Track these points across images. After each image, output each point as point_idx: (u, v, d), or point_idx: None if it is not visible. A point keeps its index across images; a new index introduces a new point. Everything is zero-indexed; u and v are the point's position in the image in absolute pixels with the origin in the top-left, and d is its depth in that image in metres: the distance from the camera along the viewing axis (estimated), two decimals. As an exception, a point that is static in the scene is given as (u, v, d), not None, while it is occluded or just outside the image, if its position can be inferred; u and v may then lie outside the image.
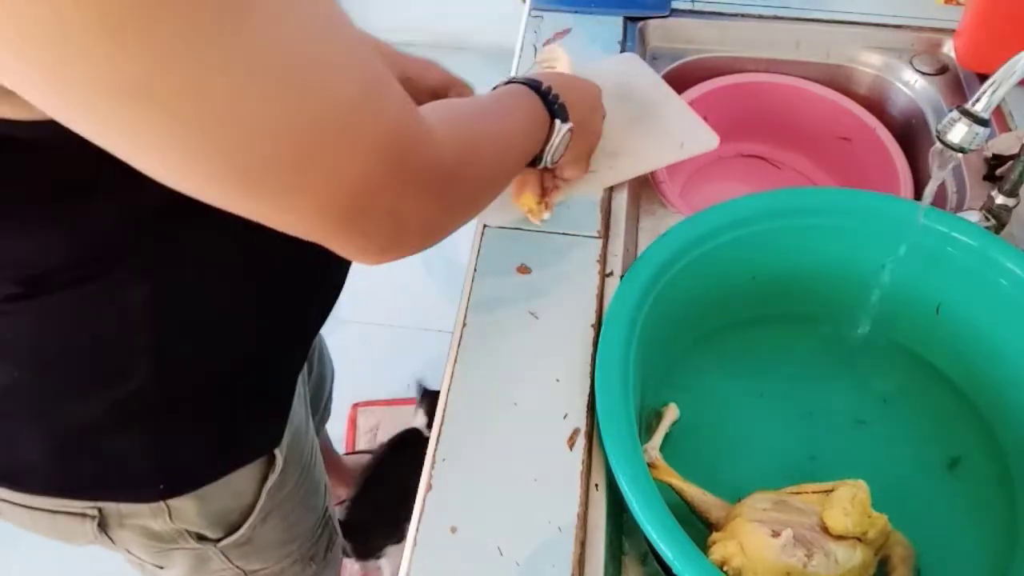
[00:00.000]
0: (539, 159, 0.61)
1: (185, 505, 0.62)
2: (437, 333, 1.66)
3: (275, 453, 0.66)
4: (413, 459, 0.57)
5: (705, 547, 0.56)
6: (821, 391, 0.70)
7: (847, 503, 0.54)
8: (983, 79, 0.63)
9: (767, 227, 0.68)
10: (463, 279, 0.68)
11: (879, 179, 0.89)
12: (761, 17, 0.98)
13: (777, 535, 0.53)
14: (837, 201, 0.69)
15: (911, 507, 0.61)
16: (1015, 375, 0.65)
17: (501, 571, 0.52)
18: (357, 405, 1.57)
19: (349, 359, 1.15)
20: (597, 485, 0.57)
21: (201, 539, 0.66)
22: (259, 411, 0.64)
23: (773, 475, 0.65)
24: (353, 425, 1.55)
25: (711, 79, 0.96)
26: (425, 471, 0.57)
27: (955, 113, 0.58)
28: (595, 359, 0.61)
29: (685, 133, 0.77)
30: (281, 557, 0.77)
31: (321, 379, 1.06)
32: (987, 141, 0.80)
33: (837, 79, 0.98)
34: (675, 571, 0.48)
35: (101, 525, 0.61)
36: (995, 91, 0.57)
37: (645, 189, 0.82)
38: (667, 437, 0.63)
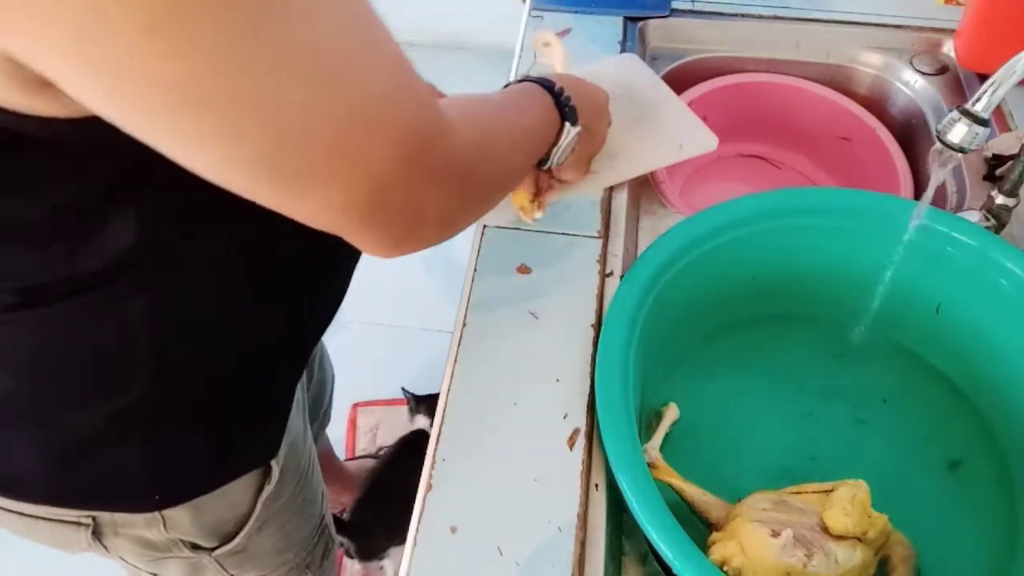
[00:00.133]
0: (545, 160, 0.61)
1: (180, 515, 0.62)
2: (437, 333, 1.66)
3: (271, 464, 0.66)
4: (419, 461, 0.57)
5: (705, 547, 0.56)
6: (821, 391, 0.70)
7: (847, 503, 0.54)
8: (983, 79, 0.63)
9: (767, 227, 0.68)
10: (463, 279, 0.68)
11: (879, 179, 0.89)
12: (761, 17, 0.98)
13: (777, 535, 0.53)
14: (837, 201, 0.69)
15: (911, 507, 0.61)
16: (1015, 375, 0.65)
17: (501, 571, 0.52)
18: (357, 405, 1.57)
19: (349, 359, 1.15)
20: (597, 485, 0.57)
21: (195, 548, 0.66)
22: (256, 422, 0.64)
23: (773, 475, 0.65)
24: (353, 425, 1.55)
25: (711, 79, 0.96)
26: (425, 471, 0.57)
27: (955, 113, 0.58)
28: (595, 359, 0.61)
29: (684, 134, 0.77)
30: (277, 565, 0.77)
31: (321, 385, 1.05)
32: (987, 141, 0.80)
33: (837, 79, 0.98)
34: (675, 571, 0.48)
35: (95, 533, 0.61)
36: (995, 91, 0.57)
37: (645, 189, 0.82)
38: (667, 437, 0.63)
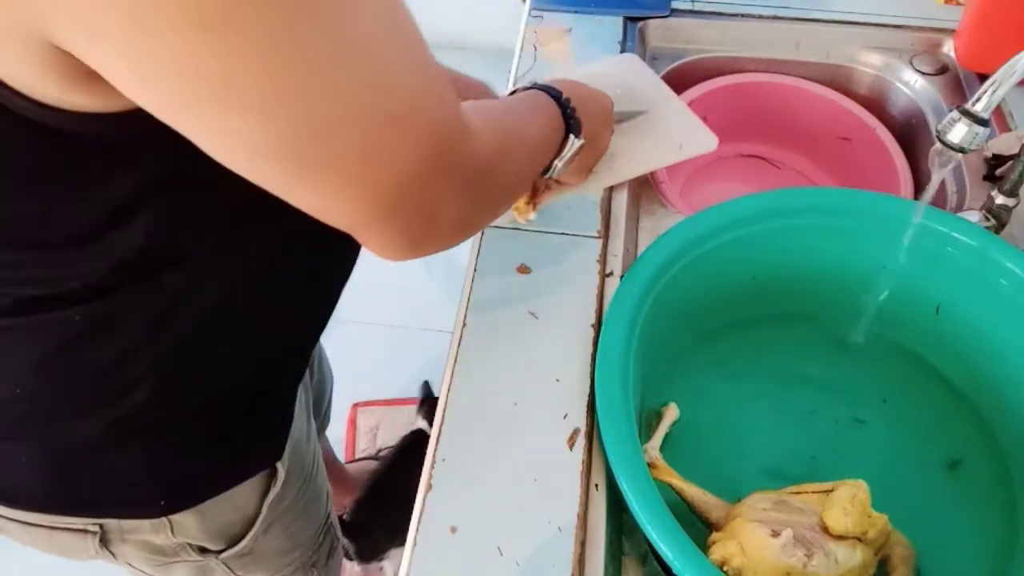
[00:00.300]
0: (548, 168, 0.62)
1: (187, 520, 0.62)
2: (437, 333, 1.65)
3: (277, 466, 0.66)
4: (420, 462, 0.57)
5: (705, 547, 0.56)
6: (821, 391, 0.70)
7: (847, 503, 0.54)
8: (983, 79, 0.63)
9: (767, 227, 0.68)
10: (463, 279, 0.68)
11: (879, 179, 0.89)
12: (761, 17, 0.98)
13: (777, 535, 0.53)
14: (837, 201, 0.69)
15: (911, 507, 0.61)
16: (1015, 375, 0.65)
17: (501, 571, 0.52)
18: (357, 405, 1.57)
19: (349, 359, 1.15)
20: (597, 485, 0.57)
21: (203, 552, 0.66)
22: (260, 425, 0.64)
23: (773, 475, 0.65)
24: (353, 425, 1.55)
25: (711, 79, 0.96)
26: (425, 471, 0.57)
27: (955, 113, 0.58)
28: (595, 359, 0.61)
29: (684, 134, 0.77)
30: (283, 566, 0.77)
31: (321, 386, 1.05)
32: (987, 141, 0.80)
33: (837, 79, 0.98)
34: (675, 571, 0.48)
35: (103, 541, 0.61)
36: (995, 91, 0.57)
37: (645, 189, 0.82)
38: (667, 437, 0.63)
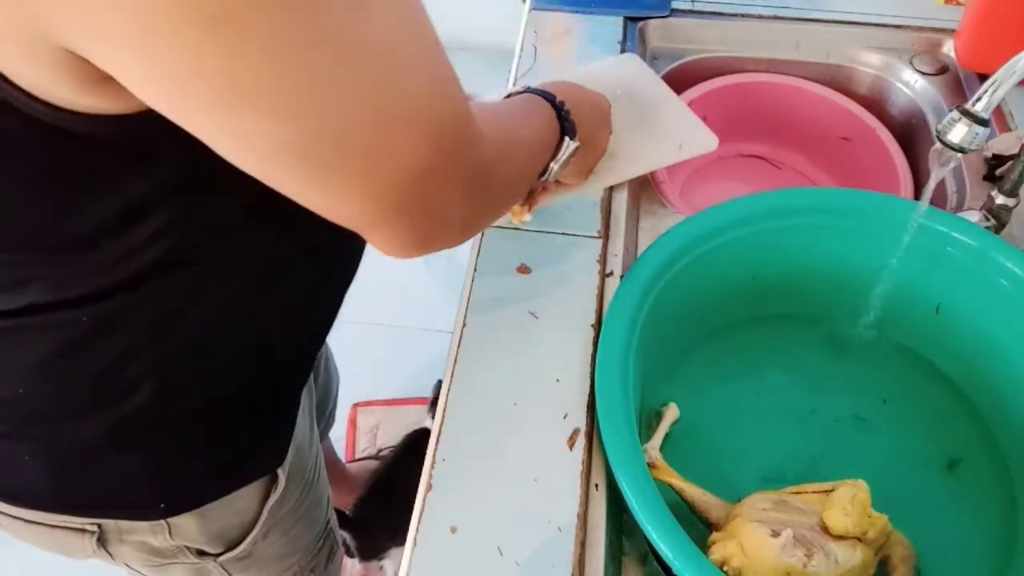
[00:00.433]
0: (544, 171, 0.62)
1: (186, 522, 0.62)
2: (437, 333, 1.65)
3: (278, 472, 0.66)
4: (423, 461, 0.57)
5: (705, 547, 0.56)
6: (821, 391, 0.70)
7: (847, 503, 0.54)
8: (983, 79, 0.63)
9: (767, 227, 0.68)
10: (463, 279, 0.68)
11: (879, 179, 0.89)
12: (761, 17, 0.98)
13: (777, 535, 0.53)
14: (837, 201, 0.69)
15: (911, 507, 0.61)
16: (1015, 375, 0.65)
17: (501, 571, 0.52)
18: (357, 405, 1.57)
19: (349, 359, 1.15)
20: (597, 485, 0.57)
21: (201, 554, 0.66)
22: (263, 429, 0.64)
23: (773, 475, 0.65)
24: (353, 425, 1.55)
25: (711, 79, 0.96)
26: (425, 471, 0.57)
27: (955, 113, 0.58)
28: (595, 359, 0.61)
29: (684, 134, 0.77)
30: (281, 570, 0.77)
31: (327, 387, 1.05)
32: (987, 141, 0.80)
33: (837, 79, 0.98)
34: (675, 571, 0.48)
35: (100, 540, 0.61)
36: (995, 91, 0.57)
37: (645, 189, 0.82)
38: (667, 437, 0.63)
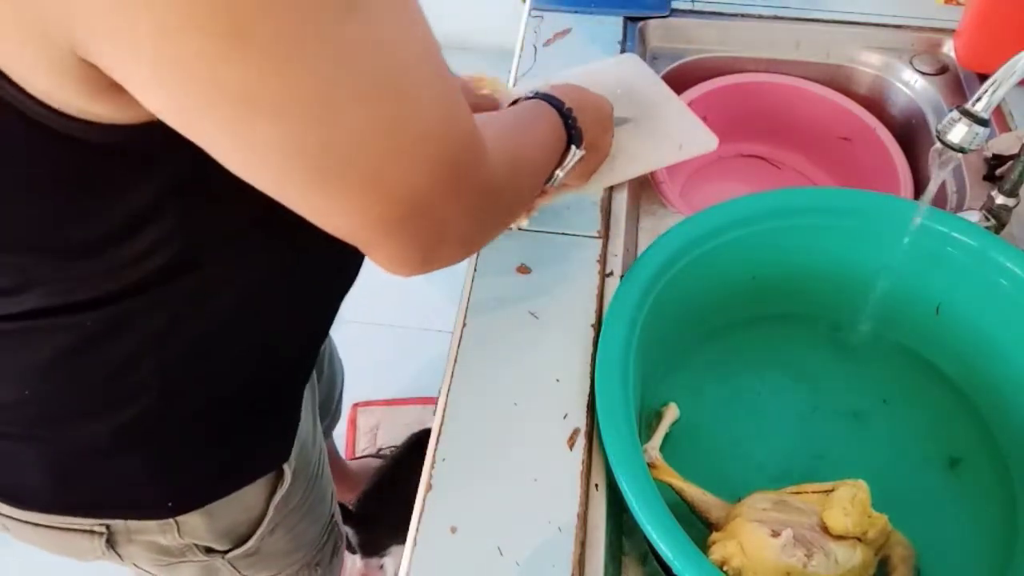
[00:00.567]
0: (549, 178, 0.62)
1: (194, 520, 0.62)
2: (437, 333, 1.65)
3: (283, 467, 0.66)
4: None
5: (705, 547, 0.56)
6: (821, 391, 0.70)
7: (847, 503, 0.54)
8: (983, 79, 0.63)
9: (767, 227, 0.68)
10: (463, 279, 0.68)
11: (879, 179, 0.89)
12: (761, 17, 0.98)
13: (777, 535, 0.53)
14: (837, 201, 0.69)
15: (911, 507, 0.61)
16: (1015, 375, 0.65)
17: (501, 571, 0.52)
18: (357, 405, 1.57)
19: (349, 359, 1.15)
20: (597, 485, 0.57)
21: (209, 552, 0.66)
22: (267, 427, 0.64)
23: (773, 475, 0.65)
24: (353, 425, 1.55)
25: (711, 79, 0.96)
26: (425, 471, 0.57)
27: (955, 113, 0.58)
28: (595, 359, 0.61)
29: (684, 134, 0.77)
30: (287, 565, 0.77)
31: (331, 383, 1.05)
32: (987, 141, 0.80)
33: (837, 79, 0.98)
34: (675, 571, 0.48)
35: (109, 541, 0.61)
36: (995, 91, 0.57)
37: (645, 189, 0.82)
38: (667, 437, 0.63)
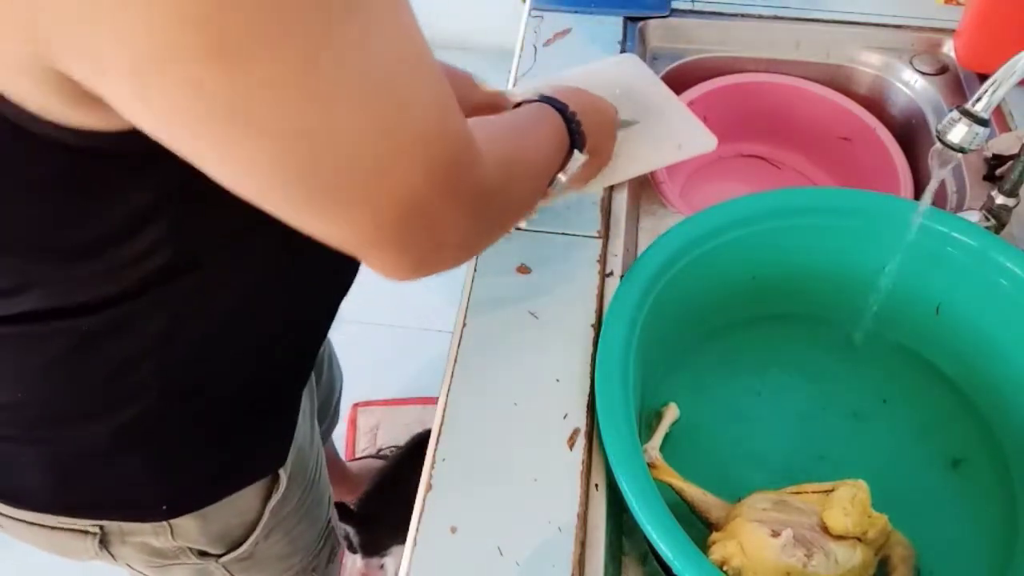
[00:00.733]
0: (551, 181, 0.61)
1: (187, 523, 0.62)
2: (437, 333, 1.65)
3: (279, 472, 0.66)
4: None
5: (705, 547, 0.56)
6: (821, 391, 0.70)
7: (847, 503, 0.54)
8: (983, 79, 0.63)
9: (767, 227, 0.68)
10: (463, 279, 0.68)
11: (879, 179, 0.89)
12: (761, 17, 0.98)
13: (777, 535, 0.53)
14: (837, 201, 0.69)
15: (911, 507, 0.61)
16: (1015, 375, 0.65)
17: (501, 571, 0.52)
18: (357, 405, 1.57)
19: (349, 359, 1.15)
20: (597, 485, 0.57)
21: (203, 555, 0.66)
22: (264, 430, 0.64)
23: (773, 475, 0.65)
24: (353, 425, 1.55)
25: (711, 79, 0.96)
26: (425, 471, 0.57)
27: (955, 113, 0.58)
28: (595, 359, 0.61)
29: (683, 134, 0.77)
30: (282, 570, 0.77)
31: (331, 386, 1.05)
32: (987, 141, 0.80)
33: (837, 79, 0.98)
34: (675, 571, 0.48)
35: (102, 542, 0.61)
36: (995, 91, 0.57)
37: (645, 189, 0.82)
38: (667, 437, 0.63)
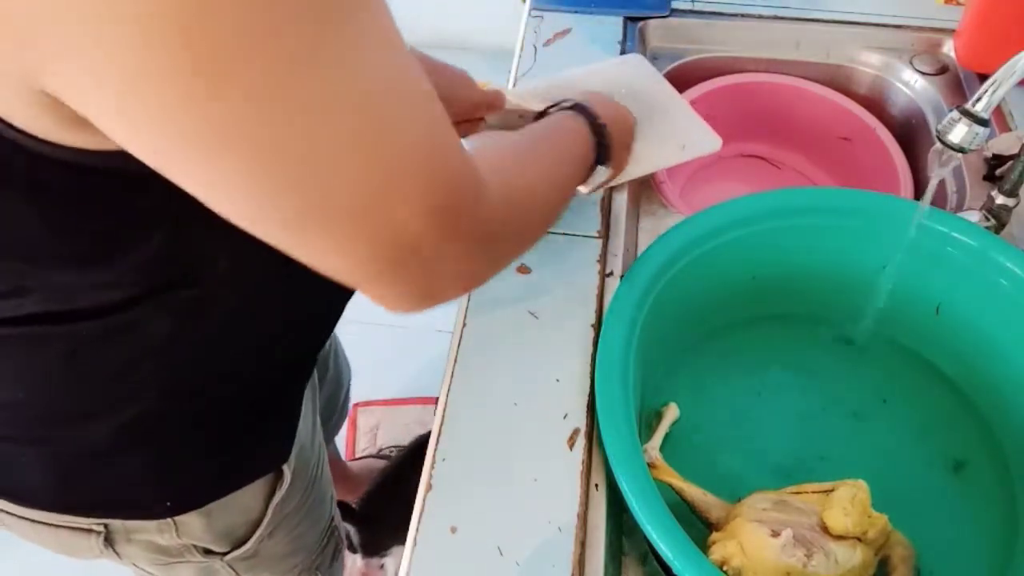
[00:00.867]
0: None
1: (192, 521, 0.62)
2: (437, 333, 1.65)
3: (283, 469, 0.66)
4: None
5: (705, 547, 0.56)
6: (821, 391, 0.70)
7: (847, 503, 0.54)
8: (983, 79, 0.63)
9: (767, 227, 0.68)
10: (463, 279, 0.68)
11: (879, 179, 0.89)
12: (761, 17, 0.98)
13: (777, 535, 0.53)
14: (837, 201, 0.69)
15: (911, 507, 0.61)
16: (1015, 375, 0.65)
17: (501, 571, 0.52)
18: (357, 405, 1.57)
19: (349, 359, 1.15)
20: (597, 485, 0.57)
21: (208, 553, 0.66)
22: (266, 428, 0.64)
23: (773, 475, 0.65)
24: (353, 425, 1.55)
25: (711, 79, 0.96)
26: (425, 471, 0.57)
27: (955, 113, 0.58)
28: (595, 359, 0.61)
29: (688, 135, 0.77)
30: (287, 569, 0.77)
31: (337, 383, 1.05)
32: (987, 141, 0.80)
33: (837, 79, 0.98)
34: (675, 571, 0.48)
35: (107, 540, 0.61)
36: (995, 91, 0.57)
37: (645, 189, 0.82)
38: (667, 437, 0.63)
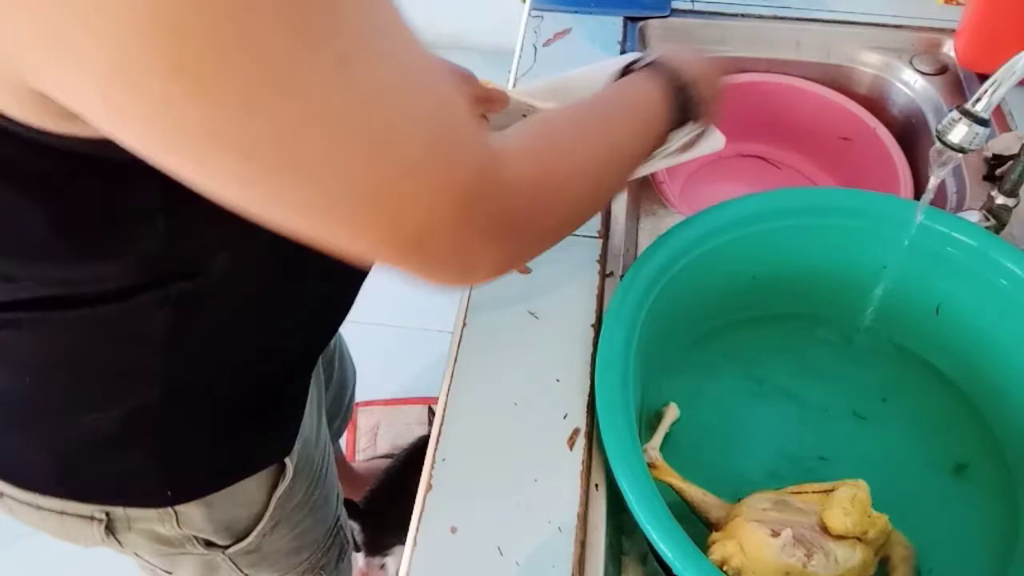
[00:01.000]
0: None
1: (193, 511, 0.62)
2: (437, 333, 1.65)
3: (285, 462, 0.66)
4: None
5: (705, 547, 0.56)
6: (821, 391, 0.70)
7: (847, 503, 0.54)
8: (983, 79, 0.63)
9: (767, 227, 0.68)
10: (463, 279, 0.68)
11: (879, 179, 0.89)
12: (761, 17, 0.98)
13: (777, 535, 0.53)
14: (837, 201, 0.69)
15: (911, 507, 0.61)
16: (1015, 375, 0.65)
17: (501, 571, 0.52)
18: (357, 405, 1.57)
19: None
20: (597, 485, 0.57)
21: (209, 545, 0.66)
22: (270, 420, 0.64)
23: (773, 475, 0.65)
24: (353, 425, 1.55)
25: (711, 79, 0.96)
26: (425, 471, 0.57)
27: (955, 113, 0.58)
28: (595, 359, 0.61)
29: (692, 133, 0.77)
30: (291, 567, 0.77)
31: (343, 383, 1.05)
32: (987, 141, 0.80)
33: (837, 79, 0.98)
34: (675, 571, 0.48)
35: (109, 528, 0.61)
36: (995, 91, 0.57)
37: (645, 189, 0.82)
38: (667, 437, 0.63)
